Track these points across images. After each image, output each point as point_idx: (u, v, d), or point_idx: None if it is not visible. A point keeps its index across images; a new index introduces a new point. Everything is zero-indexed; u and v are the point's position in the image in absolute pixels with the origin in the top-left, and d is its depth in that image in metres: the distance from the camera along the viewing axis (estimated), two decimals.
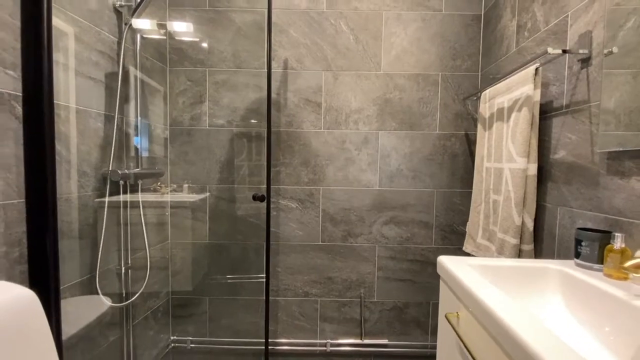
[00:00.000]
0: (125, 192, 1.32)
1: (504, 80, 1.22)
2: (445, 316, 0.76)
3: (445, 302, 0.84)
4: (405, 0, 1.59)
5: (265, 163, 1.65)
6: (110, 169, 1.23)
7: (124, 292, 1.36)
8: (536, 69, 1.04)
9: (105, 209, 1.22)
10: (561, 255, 1.01)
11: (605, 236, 0.77)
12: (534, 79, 1.05)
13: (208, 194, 1.67)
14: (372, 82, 1.62)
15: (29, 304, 0.74)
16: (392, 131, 1.63)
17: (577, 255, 0.82)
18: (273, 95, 1.63)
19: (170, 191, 1.65)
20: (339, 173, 1.64)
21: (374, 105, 1.62)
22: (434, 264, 1.65)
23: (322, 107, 1.63)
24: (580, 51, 0.93)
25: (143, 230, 1.36)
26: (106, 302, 1.21)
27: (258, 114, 1.65)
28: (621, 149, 0.79)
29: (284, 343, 1.68)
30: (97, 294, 1.18)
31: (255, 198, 1.51)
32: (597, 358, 0.61)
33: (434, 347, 1.65)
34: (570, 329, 0.71)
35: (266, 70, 1.42)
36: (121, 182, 1.29)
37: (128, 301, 1.36)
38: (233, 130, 1.65)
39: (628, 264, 0.55)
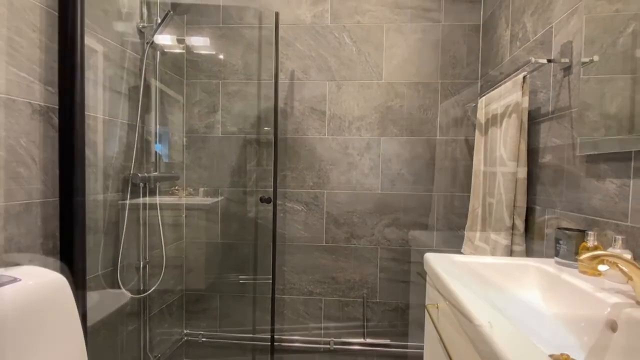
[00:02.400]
0: (145, 194, 1.46)
1: (498, 87, 1.27)
2: (426, 307, 0.82)
3: (429, 296, 0.90)
4: (406, 13, 1.68)
5: (272, 168, 1.76)
6: (132, 172, 1.37)
7: (142, 286, 1.49)
8: (524, 77, 1.10)
9: (127, 209, 1.36)
10: (550, 254, 1.04)
11: (581, 235, 0.82)
12: (522, 87, 1.10)
13: (221, 197, 1.79)
14: (374, 91, 1.70)
15: (61, 287, 0.86)
16: (393, 137, 1.70)
17: (557, 253, 0.87)
18: (280, 104, 1.74)
19: (186, 194, 1.78)
20: (342, 177, 1.72)
21: (375, 112, 1.70)
22: None
23: (326, 115, 1.73)
24: (563, 60, 0.98)
25: (160, 230, 1.49)
26: (126, 294, 1.34)
27: (267, 122, 1.77)
28: (596, 152, 0.84)
29: (289, 340, 1.75)
30: (119, 286, 1.31)
31: (262, 200, 1.62)
32: (559, 344, 0.65)
33: None
34: (544, 319, 0.75)
35: (273, 81, 1.54)
36: (141, 185, 1.42)
37: (145, 293, 1.48)
38: (243, 137, 1.77)
39: (583, 256, 0.60)
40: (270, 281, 1.73)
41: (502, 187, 1.19)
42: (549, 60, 1.02)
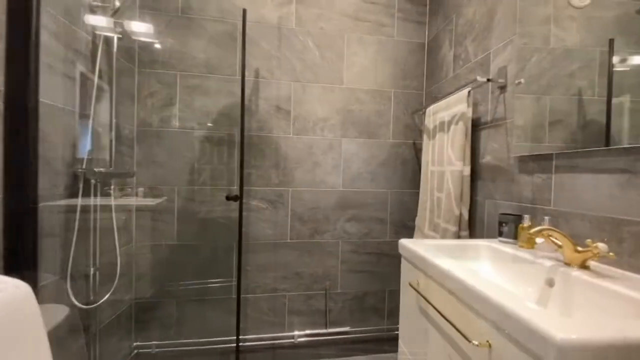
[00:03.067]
0: (96, 193, 1.30)
1: (445, 99, 1.50)
2: (409, 283, 0.95)
3: (406, 275, 1.04)
4: (365, 25, 1.84)
5: (236, 165, 1.73)
6: (83, 167, 1.21)
7: (92, 296, 1.32)
8: (469, 92, 1.33)
9: (78, 209, 1.19)
10: (489, 236, 1.29)
11: (518, 218, 1.05)
12: (467, 100, 1.33)
13: (176, 195, 1.68)
14: (336, 95, 1.81)
15: (25, 296, 0.74)
16: (353, 139, 1.83)
17: (500, 234, 1.09)
18: (245, 102, 1.72)
19: (137, 193, 1.63)
20: (307, 175, 1.79)
21: (337, 115, 1.82)
22: (389, 255, 1.88)
23: (291, 114, 1.78)
24: (499, 80, 1.23)
25: (115, 232, 1.34)
26: (76, 305, 1.18)
27: (230, 118, 1.73)
28: (527, 154, 1.08)
29: (253, 339, 1.74)
30: (68, 296, 1.14)
31: (228, 198, 1.59)
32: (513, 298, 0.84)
33: (390, 330, 1.87)
34: (497, 282, 0.95)
35: (240, 77, 1.53)
36: (92, 182, 1.26)
37: (96, 304, 1.32)
38: (204, 133, 1.70)
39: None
40: (235, 283, 1.70)
41: (451, 183, 1.41)
42: (488, 80, 1.26)
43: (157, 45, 1.66)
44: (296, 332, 1.78)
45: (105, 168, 1.38)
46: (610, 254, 0.72)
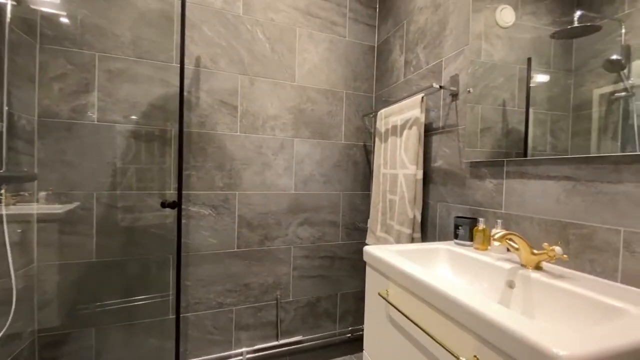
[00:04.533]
0: None
1: (398, 103, 1.52)
2: (379, 293, 0.91)
3: (373, 284, 1.00)
4: (316, 22, 1.77)
5: (172, 166, 1.50)
6: None
7: None
8: (422, 97, 1.36)
9: None
10: (440, 239, 1.34)
11: (473, 221, 1.09)
12: (421, 105, 1.36)
13: (95, 202, 1.39)
14: (287, 92, 1.71)
15: None
16: (306, 139, 1.75)
17: (456, 236, 1.13)
18: (184, 93, 1.50)
19: (37, 199, 1.29)
20: (256, 177, 1.65)
21: (289, 113, 1.72)
22: (341, 258, 1.85)
23: (238, 110, 1.61)
24: (451, 88, 1.28)
25: (8, 251, 1.02)
26: None
27: (164, 111, 1.49)
28: (478, 160, 1.14)
29: None
30: None
31: (164, 205, 1.37)
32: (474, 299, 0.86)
33: (342, 334, 1.85)
34: (455, 282, 0.97)
35: (179, 65, 1.33)
36: None
37: None
38: (132, 127, 1.44)
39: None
40: (173, 299, 1.48)
41: (405, 186, 1.44)
42: (441, 87, 1.30)
43: (65, 19, 1.33)
44: (244, 349, 1.63)
45: None
46: (564, 256, 0.77)
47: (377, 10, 1.91)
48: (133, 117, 1.44)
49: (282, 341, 1.71)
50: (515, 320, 0.54)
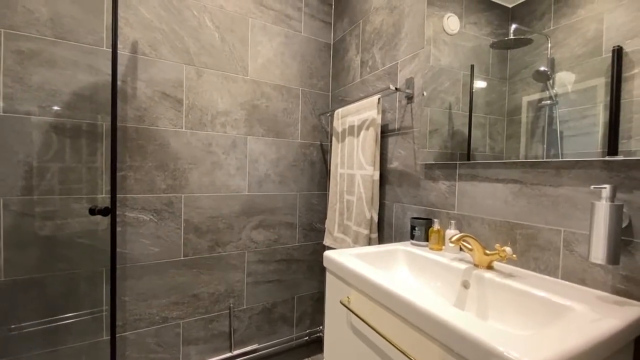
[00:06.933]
0: None
1: (354, 103, 1.51)
2: (340, 301, 0.88)
3: (334, 291, 0.97)
4: (270, 14, 1.67)
5: (104, 166, 1.31)
6: None
7: None
8: (379, 99, 1.36)
9: None
10: (397, 238, 1.36)
11: (429, 222, 1.12)
12: (377, 107, 1.36)
13: (1, 210, 1.15)
14: (239, 86, 1.60)
15: None
16: (260, 137, 1.66)
17: (412, 237, 1.15)
18: (118, 82, 1.32)
19: None
20: (205, 178, 1.52)
21: (242, 109, 1.61)
22: (298, 261, 1.81)
23: (183, 104, 1.46)
24: (407, 91, 1.29)
25: None
26: None
27: (92, 102, 1.29)
28: (432, 162, 1.17)
29: None
30: None
31: (94, 212, 1.19)
32: (430, 300, 0.88)
33: (299, 337, 1.81)
34: (414, 286, 0.98)
35: (110, 50, 1.15)
36: None
37: None
38: (50, 120, 1.21)
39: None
40: (105, 314, 1.30)
41: (362, 187, 1.43)
42: (396, 89, 1.31)
43: None
44: None
45: None
46: (514, 255, 0.81)
47: (333, 7, 1.88)
48: (52, 108, 1.22)
49: (236, 352, 1.61)
50: (473, 325, 0.54)
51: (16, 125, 1.16)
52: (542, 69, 0.84)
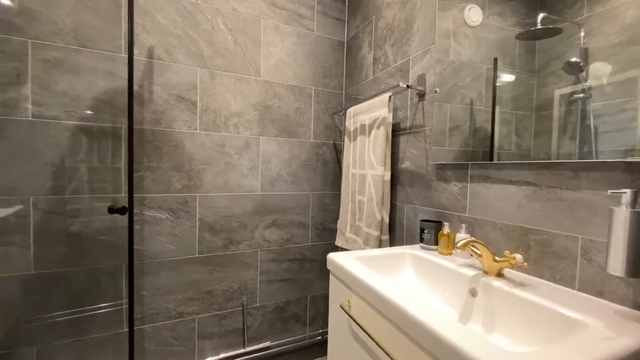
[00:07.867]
0: None
1: (366, 101, 1.48)
2: (340, 306, 0.86)
3: (336, 295, 0.96)
4: (282, 14, 1.68)
5: (123, 167, 1.38)
6: None
7: None
8: (389, 97, 1.32)
9: None
10: (408, 240, 1.32)
11: (438, 225, 1.07)
12: (388, 105, 1.32)
13: (31, 208, 1.24)
14: (252, 87, 1.62)
15: None
16: (272, 137, 1.67)
17: (422, 240, 1.11)
18: (135, 87, 1.38)
19: None
20: (219, 178, 1.56)
21: (254, 110, 1.62)
22: (310, 260, 1.81)
23: (197, 106, 1.50)
24: (418, 88, 1.25)
25: None
26: None
27: (112, 106, 1.36)
28: (444, 162, 1.12)
29: None
30: None
31: (113, 211, 1.25)
32: (437, 308, 0.84)
33: (312, 337, 1.81)
34: (420, 292, 0.95)
35: (127, 55, 1.20)
36: None
37: None
38: (74, 124, 1.29)
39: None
40: (125, 310, 1.37)
41: (373, 187, 1.40)
42: (408, 86, 1.27)
43: None
44: (209, 359, 1.55)
45: None
46: (525, 263, 0.76)
47: (347, 4, 1.85)
48: (76, 112, 1.29)
49: (249, 348, 1.65)
50: (472, 343, 0.51)
51: (44, 130, 1.25)
52: (574, 59, 0.77)
